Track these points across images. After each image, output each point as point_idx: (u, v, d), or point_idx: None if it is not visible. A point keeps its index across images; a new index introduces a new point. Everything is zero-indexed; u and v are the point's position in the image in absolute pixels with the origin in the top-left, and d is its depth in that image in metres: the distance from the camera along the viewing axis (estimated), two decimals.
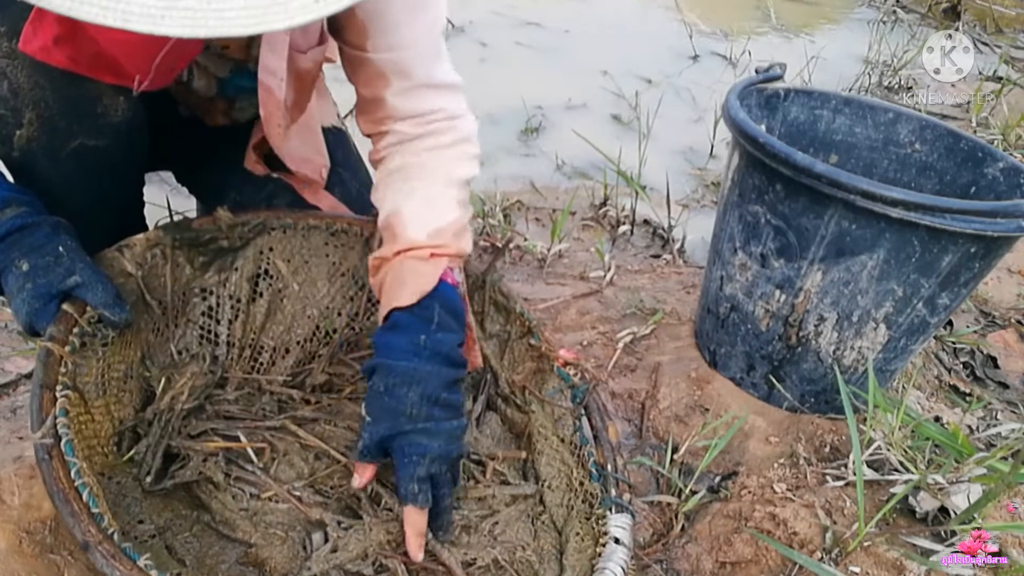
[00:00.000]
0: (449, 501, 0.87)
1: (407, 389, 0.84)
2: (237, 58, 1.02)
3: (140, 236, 0.93)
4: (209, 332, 1.01)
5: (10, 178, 0.87)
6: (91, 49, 0.76)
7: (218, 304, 1.02)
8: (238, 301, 1.02)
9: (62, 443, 0.72)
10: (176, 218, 1.38)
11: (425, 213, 0.90)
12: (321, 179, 1.13)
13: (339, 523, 0.88)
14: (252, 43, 1.00)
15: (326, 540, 0.87)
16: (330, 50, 1.06)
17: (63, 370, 0.78)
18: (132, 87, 0.83)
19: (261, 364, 1.04)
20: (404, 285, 0.88)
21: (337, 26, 0.93)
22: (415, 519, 0.83)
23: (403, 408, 0.83)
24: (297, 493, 0.91)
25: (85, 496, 0.69)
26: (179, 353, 0.98)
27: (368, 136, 0.98)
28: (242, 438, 0.94)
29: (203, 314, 1.01)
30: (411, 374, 0.84)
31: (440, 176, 0.93)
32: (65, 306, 0.81)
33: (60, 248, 0.81)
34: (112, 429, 0.86)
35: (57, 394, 0.76)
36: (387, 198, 0.93)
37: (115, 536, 0.68)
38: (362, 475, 0.87)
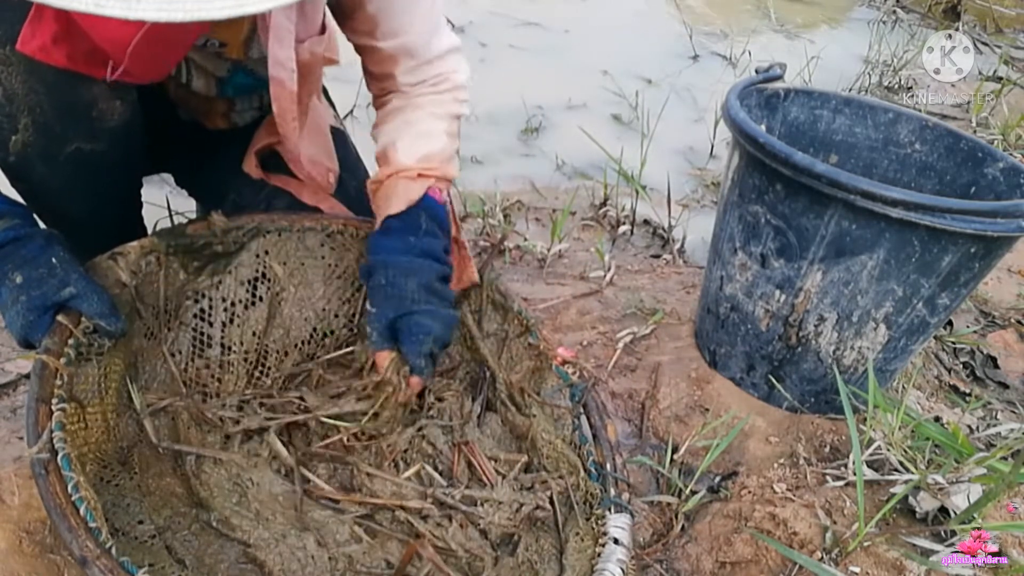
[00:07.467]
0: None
1: (406, 279, 0.94)
2: (234, 58, 1.01)
3: (134, 243, 0.92)
4: (202, 334, 1.01)
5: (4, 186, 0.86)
6: (85, 46, 0.76)
7: (211, 307, 1.01)
8: (232, 304, 1.02)
9: (59, 457, 0.71)
10: (176, 219, 1.39)
11: (416, 142, 1.01)
12: (330, 185, 1.13)
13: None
14: (250, 42, 1.00)
15: None
16: (331, 51, 1.06)
17: (58, 383, 0.77)
18: (128, 82, 0.82)
19: (268, 369, 1.04)
20: (395, 197, 0.98)
21: (345, 16, 0.97)
22: (417, 386, 0.96)
23: (405, 294, 0.94)
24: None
25: (83, 511, 0.69)
26: (172, 355, 0.98)
27: (373, 93, 1.08)
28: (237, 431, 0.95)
29: (195, 316, 1.00)
30: (408, 266, 0.94)
31: (432, 112, 1.03)
32: (60, 317, 0.80)
33: (53, 260, 0.81)
34: (107, 434, 0.85)
35: (53, 407, 0.75)
36: (384, 132, 1.03)
37: (113, 550, 0.67)
38: (382, 363, 0.95)
